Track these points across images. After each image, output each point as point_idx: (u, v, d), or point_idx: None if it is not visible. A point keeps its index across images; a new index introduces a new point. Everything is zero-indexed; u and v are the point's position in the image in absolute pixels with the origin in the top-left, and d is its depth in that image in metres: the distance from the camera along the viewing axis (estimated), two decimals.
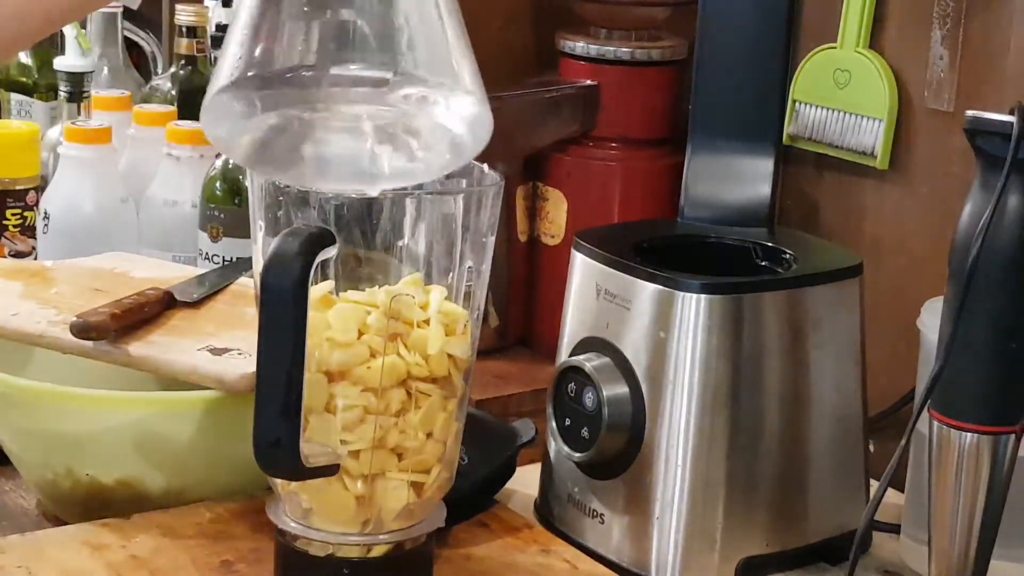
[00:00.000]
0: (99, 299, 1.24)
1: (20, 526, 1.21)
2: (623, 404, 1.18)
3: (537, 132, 1.57)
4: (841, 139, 1.44)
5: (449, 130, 0.96)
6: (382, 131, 0.96)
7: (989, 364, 1.01)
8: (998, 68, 1.33)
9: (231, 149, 0.99)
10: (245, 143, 0.96)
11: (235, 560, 1.14)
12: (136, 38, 2.05)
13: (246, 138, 0.96)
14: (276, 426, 0.97)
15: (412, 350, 1.03)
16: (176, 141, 1.56)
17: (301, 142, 0.96)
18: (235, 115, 0.95)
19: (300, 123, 0.96)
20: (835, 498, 1.23)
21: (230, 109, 0.95)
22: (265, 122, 0.96)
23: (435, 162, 0.97)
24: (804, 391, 1.20)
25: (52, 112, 1.86)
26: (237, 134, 0.96)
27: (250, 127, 0.96)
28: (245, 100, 0.95)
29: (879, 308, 1.34)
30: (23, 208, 1.54)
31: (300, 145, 0.96)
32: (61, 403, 1.17)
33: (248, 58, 0.95)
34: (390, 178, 0.98)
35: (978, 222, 0.99)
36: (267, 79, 0.95)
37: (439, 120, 0.96)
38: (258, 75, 0.95)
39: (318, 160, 0.96)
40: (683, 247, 1.29)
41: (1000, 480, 1.02)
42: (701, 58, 1.34)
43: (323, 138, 0.96)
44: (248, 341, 1.14)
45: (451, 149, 0.97)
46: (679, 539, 1.17)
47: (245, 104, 0.95)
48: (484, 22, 1.61)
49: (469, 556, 1.17)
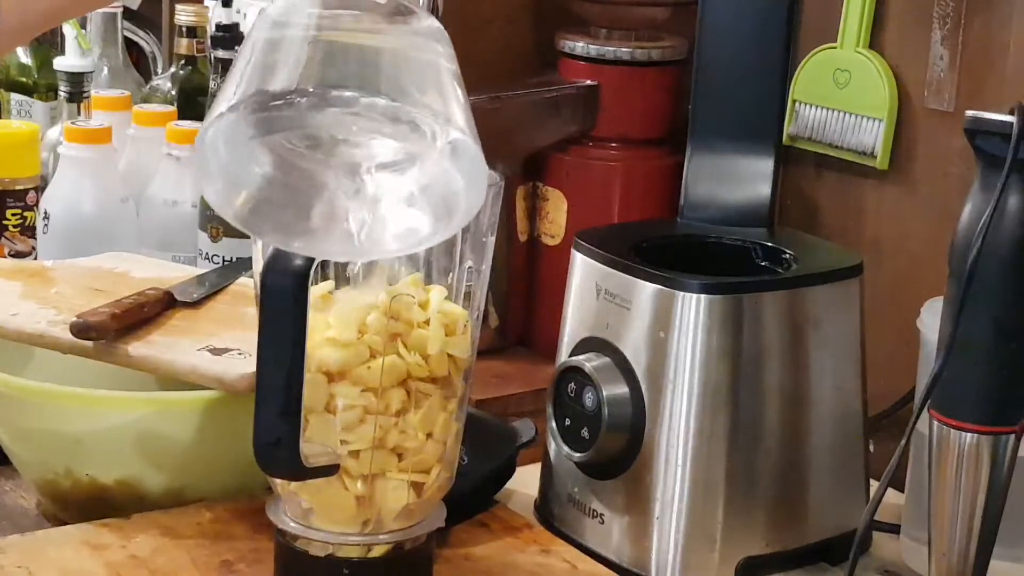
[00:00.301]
0: (99, 299, 1.24)
1: (20, 526, 1.21)
2: (623, 404, 1.18)
3: (537, 132, 1.57)
4: (841, 139, 1.44)
5: (447, 195, 0.95)
6: (377, 200, 0.96)
7: (989, 364, 1.01)
8: (998, 68, 1.33)
9: (225, 202, 0.97)
10: (240, 201, 0.95)
11: (235, 560, 1.14)
12: (136, 38, 2.05)
13: (241, 195, 0.95)
14: (276, 426, 0.97)
15: (412, 350, 1.03)
16: (176, 141, 1.56)
17: (293, 206, 0.95)
18: (236, 142, 0.94)
19: (295, 177, 0.95)
20: (835, 498, 1.23)
21: (232, 133, 0.94)
22: (261, 172, 0.95)
23: (429, 230, 0.97)
24: (804, 391, 1.20)
25: (52, 112, 1.86)
26: (232, 183, 0.95)
27: (245, 177, 0.95)
28: (244, 124, 0.94)
29: (879, 308, 1.34)
30: (23, 208, 1.54)
31: (292, 209, 0.95)
32: (61, 403, 1.17)
33: (247, 88, 0.94)
34: (383, 251, 0.99)
35: (978, 222, 0.99)
36: (264, 107, 0.94)
37: (437, 188, 0.96)
38: (257, 102, 0.94)
39: (312, 231, 0.96)
40: (683, 247, 1.29)
41: (1000, 480, 1.02)
42: (701, 58, 1.34)
43: (317, 205, 0.95)
44: (248, 341, 1.14)
45: (446, 212, 0.96)
46: (679, 539, 1.17)
47: (245, 127, 0.94)
48: (484, 22, 1.61)
49: (469, 556, 1.17)
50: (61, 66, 1.73)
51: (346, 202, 0.95)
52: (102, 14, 1.89)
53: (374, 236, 0.95)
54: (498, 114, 1.50)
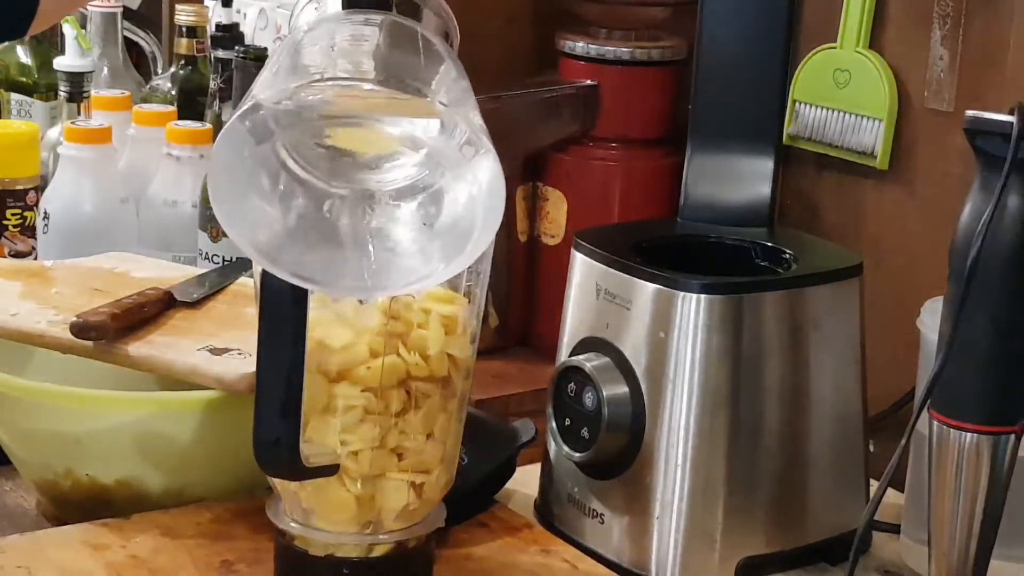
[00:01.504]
0: (99, 299, 1.24)
1: (20, 526, 1.21)
2: (623, 404, 1.18)
3: (537, 132, 1.57)
4: (841, 139, 1.45)
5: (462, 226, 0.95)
6: (392, 238, 0.96)
7: (989, 364, 1.01)
8: (998, 68, 1.33)
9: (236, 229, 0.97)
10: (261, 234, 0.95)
11: (235, 560, 1.14)
12: (136, 38, 2.05)
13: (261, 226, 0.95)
14: (276, 426, 0.97)
15: (412, 350, 1.03)
16: (176, 141, 1.56)
17: (310, 239, 0.95)
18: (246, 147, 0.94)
19: (307, 207, 0.95)
20: (835, 498, 1.23)
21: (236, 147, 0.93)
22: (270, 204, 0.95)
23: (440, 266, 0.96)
24: (804, 391, 1.20)
25: (52, 112, 1.87)
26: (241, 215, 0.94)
27: (262, 208, 0.94)
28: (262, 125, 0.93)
29: (879, 308, 1.34)
30: (23, 208, 1.54)
31: (308, 244, 0.95)
32: (61, 403, 1.17)
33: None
34: (392, 290, 0.99)
35: (978, 222, 0.99)
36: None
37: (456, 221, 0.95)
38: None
39: (325, 267, 0.95)
40: (683, 247, 1.29)
41: (1000, 480, 1.02)
42: (701, 58, 1.34)
43: (333, 241, 0.95)
44: (248, 341, 1.14)
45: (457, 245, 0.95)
46: (679, 539, 1.17)
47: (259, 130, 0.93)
48: (484, 22, 1.62)
49: (469, 556, 1.17)
50: (61, 66, 1.73)
51: (356, 238, 0.95)
52: (102, 14, 1.89)
53: (382, 275, 0.95)
54: (498, 114, 1.49)
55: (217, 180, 0.94)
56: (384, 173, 0.96)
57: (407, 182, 0.96)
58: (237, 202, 0.93)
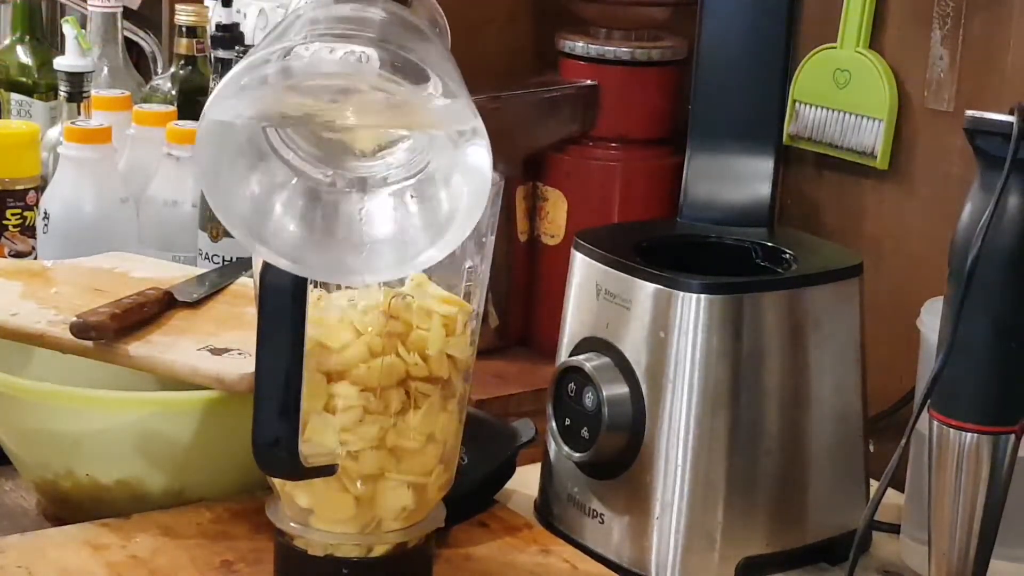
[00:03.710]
0: (99, 299, 1.24)
1: (20, 526, 1.21)
2: (623, 404, 1.18)
3: (537, 132, 1.57)
4: (841, 139, 1.45)
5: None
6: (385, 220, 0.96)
7: (989, 364, 1.01)
8: (998, 68, 1.33)
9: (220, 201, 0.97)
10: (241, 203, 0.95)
11: (235, 560, 1.14)
12: (136, 38, 2.05)
13: (242, 192, 0.95)
14: (275, 426, 0.97)
15: (411, 350, 1.03)
16: (176, 141, 1.56)
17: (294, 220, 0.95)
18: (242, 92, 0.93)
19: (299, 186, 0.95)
20: (835, 498, 1.23)
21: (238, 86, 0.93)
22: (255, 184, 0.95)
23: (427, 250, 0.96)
24: (804, 391, 1.20)
25: (52, 112, 1.86)
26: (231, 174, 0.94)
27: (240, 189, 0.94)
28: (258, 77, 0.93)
29: (879, 308, 1.34)
30: (23, 208, 1.54)
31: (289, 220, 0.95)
32: (61, 403, 1.17)
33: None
34: (381, 276, 0.99)
35: (978, 222, 0.99)
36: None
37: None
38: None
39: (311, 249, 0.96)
40: (683, 247, 1.29)
41: (1000, 480, 1.02)
42: (701, 58, 1.34)
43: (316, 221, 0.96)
44: (248, 341, 1.13)
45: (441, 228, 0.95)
46: (679, 539, 1.17)
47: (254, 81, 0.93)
48: (484, 22, 1.62)
49: (469, 556, 1.17)
50: (61, 66, 1.73)
51: (347, 223, 0.95)
52: (102, 14, 1.89)
53: (372, 259, 0.95)
54: (498, 114, 1.49)
55: (203, 155, 0.94)
56: (375, 160, 0.96)
57: (398, 167, 0.96)
58: (226, 184, 0.94)
